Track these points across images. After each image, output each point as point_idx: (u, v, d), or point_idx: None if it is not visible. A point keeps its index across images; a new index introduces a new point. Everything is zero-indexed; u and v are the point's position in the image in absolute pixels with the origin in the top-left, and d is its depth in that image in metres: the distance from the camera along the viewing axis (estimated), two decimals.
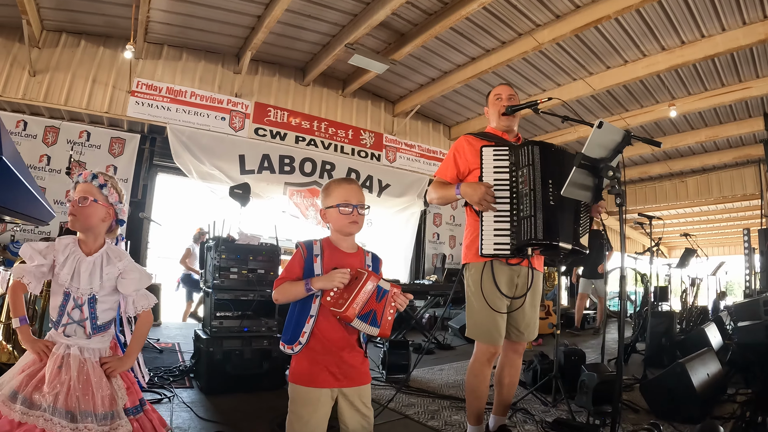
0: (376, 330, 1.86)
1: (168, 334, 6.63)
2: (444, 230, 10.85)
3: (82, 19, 7.01)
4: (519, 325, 2.77)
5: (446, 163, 2.90)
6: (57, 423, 1.72)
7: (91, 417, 1.78)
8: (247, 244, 4.45)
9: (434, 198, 2.91)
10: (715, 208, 13.42)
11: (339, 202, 1.99)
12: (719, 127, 9.17)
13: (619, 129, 2.25)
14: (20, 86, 6.79)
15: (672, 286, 8.14)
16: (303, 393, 1.88)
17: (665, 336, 5.32)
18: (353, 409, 1.92)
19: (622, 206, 2.20)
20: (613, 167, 2.22)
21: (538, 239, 2.44)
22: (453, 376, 4.83)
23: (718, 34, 6.29)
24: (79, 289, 1.93)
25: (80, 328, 1.93)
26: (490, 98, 3.00)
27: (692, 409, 3.32)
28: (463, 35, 7.22)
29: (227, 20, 7.22)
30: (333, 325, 1.91)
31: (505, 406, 2.90)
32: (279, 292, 1.95)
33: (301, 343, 1.90)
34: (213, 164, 7.86)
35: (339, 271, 1.87)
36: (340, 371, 1.90)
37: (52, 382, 1.78)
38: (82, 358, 1.89)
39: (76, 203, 1.95)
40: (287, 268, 1.99)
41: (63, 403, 1.75)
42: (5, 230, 6.52)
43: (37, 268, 1.92)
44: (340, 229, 2.02)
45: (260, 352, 4.07)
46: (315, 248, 2.00)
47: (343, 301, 1.81)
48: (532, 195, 2.49)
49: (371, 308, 1.85)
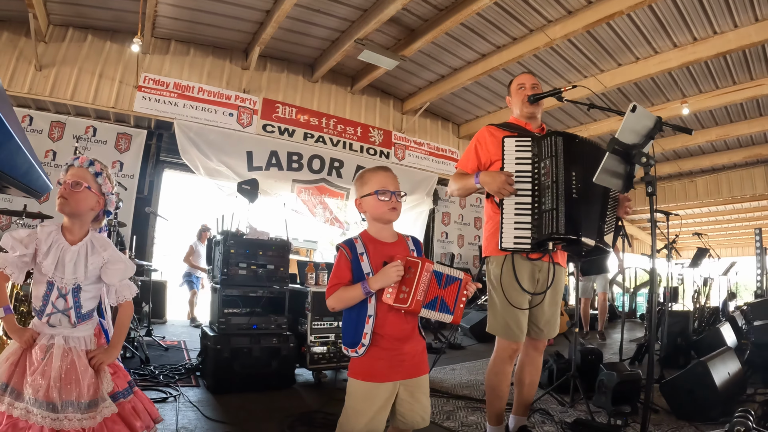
0: (450, 317, 1.87)
1: (173, 331, 6.57)
2: (452, 229, 10.75)
3: (88, 14, 6.95)
4: (539, 322, 2.69)
5: (467, 154, 2.82)
6: (37, 414, 1.70)
7: (73, 406, 1.76)
8: (257, 239, 4.36)
9: (454, 189, 2.82)
10: (724, 208, 13.30)
11: (377, 189, 1.94)
12: (730, 126, 9.07)
13: (651, 114, 2.17)
14: (26, 81, 6.74)
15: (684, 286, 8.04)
16: (363, 388, 1.85)
17: (681, 336, 5.24)
18: (414, 399, 1.90)
19: (653, 195, 2.12)
20: (646, 153, 2.13)
21: (560, 233, 2.36)
22: (466, 376, 4.74)
23: (730, 30, 6.21)
24: (64, 279, 1.89)
25: (65, 317, 1.90)
26: (512, 87, 2.92)
27: (715, 409, 3.24)
28: (473, 31, 7.14)
29: (235, 15, 7.15)
30: (392, 320, 1.87)
31: (525, 406, 2.82)
32: (334, 299, 1.89)
33: (365, 345, 1.86)
34: (220, 160, 7.79)
35: (392, 266, 1.81)
36: (401, 364, 1.88)
37: (33, 374, 1.76)
38: (66, 347, 1.86)
39: (68, 186, 1.90)
40: (335, 273, 1.93)
41: (44, 395, 1.73)
42: (10, 223, 6.46)
43: (19, 258, 1.87)
44: (380, 217, 1.97)
45: (269, 350, 3.99)
46: (358, 246, 1.94)
47: (406, 295, 1.78)
48: (555, 187, 2.40)
49: (437, 294, 1.84)
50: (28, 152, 1.53)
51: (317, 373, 4.30)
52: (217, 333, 3.99)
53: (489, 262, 2.73)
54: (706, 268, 7.66)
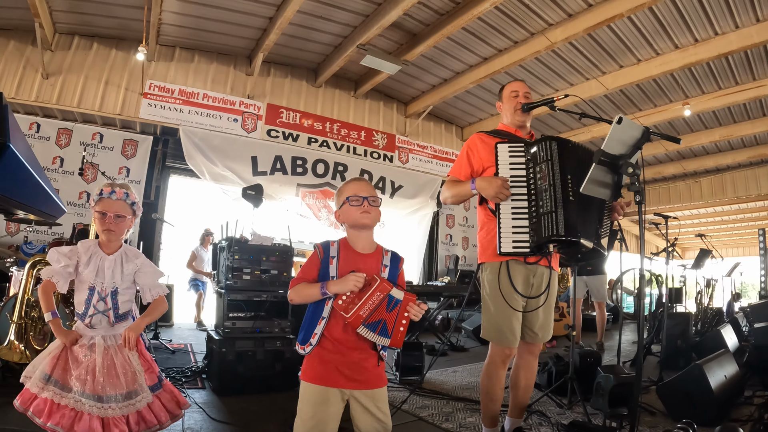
0: (387, 340, 1.85)
1: (180, 335, 6.66)
2: (457, 232, 10.82)
3: (94, 22, 7.07)
4: (533, 326, 2.72)
5: (459, 162, 2.85)
6: (86, 404, 1.98)
7: (116, 397, 2.06)
8: (260, 245, 4.44)
9: (448, 197, 2.86)
10: (729, 208, 13.28)
11: (349, 196, 1.98)
12: (733, 126, 9.07)
13: (638, 125, 2.21)
14: (33, 88, 6.87)
15: (687, 287, 8.03)
16: (311, 391, 1.87)
17: (681, 338, 5.26)
18: (367, 412, 1.89)
19: (641, 204, 2.16)
20: (633, 164, 2.18)
21: (560, 235, 2.38)
22: (467, 378, 4.79)
23: (731, 31, 6.23)
24: (104, 283, 2.20)
25: (104, 317, 2.19)
26: (505, 93, 2.95)
27: (710, 412, 3.27)
28: (475, 35, 7.20)
29: (239, 22, 7.25)
30: (343, 326, 1.89)
31: (520, 408, 2.87)
32: (294, 292, 1.95)
33: (312, 344, 1.90)
34: (225, 165, 7.89)
35: (354, 275, 1.85)
36: (351, 373, 1.88)
37: (79, 369, 2.04)
38: (106, 345, 2.15)
39: (112, 219, 2.20)
40: (303, 268, 1.99)
41: (90, 388, 2.02)
42: (19, 230, 6.58)
43: (64, 268, 2.15)
44: (354, 222, 1.99)
45: (273, 354, 4.07)
46: (332, 249, 1.98)
47: (353, 306, 1.81)
48: (552, 190, 2.43)
49: (381, 317, 1.83)
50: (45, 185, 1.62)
51: None
52: (222, 337, 4.06)
53: (484, 268, 2.76)
54: (709, 270, 7.67)
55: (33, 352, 3.38)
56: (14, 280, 4.09)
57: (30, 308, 3.49)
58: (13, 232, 6.66)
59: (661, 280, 6.19)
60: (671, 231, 6.13)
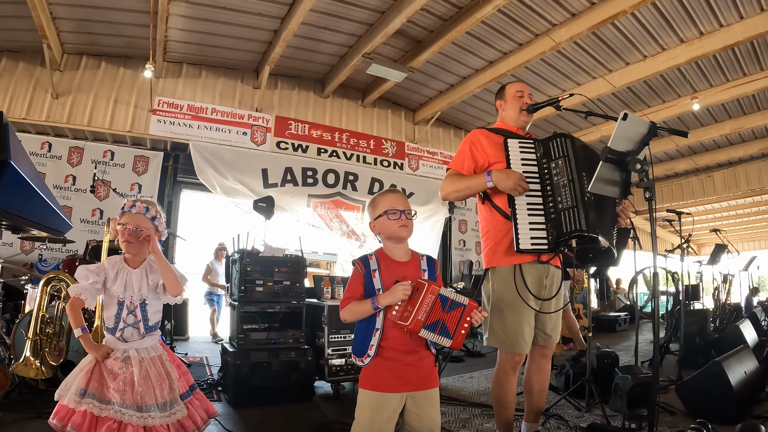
0: (449, 341, 1.90)
1: (196, 348, 6.69)
2: (470, 237, 10.77)
3: (101, 41, 7.18)
4: (545, 328, 2.67)
5: (461, 156, 2.75)
6: (126, 414, 2.03)
7: (154, 407, 2.10)
8: (272, 256, 4.46)
9: (451, 192, 2.70)
10: (743, 201, 13.09)
11: (386, 209, 2.05)
12: (744, 119, 8.97)
13: (644, 120, 2.19)
14: (44, 109, 6.98)
15: (703, 283, 7.93)
16: (370, 397, 1.94)
17: (699, 335, 5.20)
18: (421, 411, 1.96)
19: (651, 200, 2.13)
20: (640, 160, 2.15)
21: (582, 231, 2.32)
22: (484, 384, 4.77)
23: (736, 22, 6.17)
24: (132, 297, 2.25)
25: (135, 329, 2.24)
26: (509, 93, 2.89)
27: (730, 409, 3.22)
28: (479, 39, 7.19)
29: (244, 36, 7.32)
30: (399, 334, 1.96)
31: (536, 412, 2.81)
32: (347, 312, 2.01)
33: (370, 356, 1.97)
34: (236, 179, 7.94)
35: (401, 285, 1.91)
36: (408, 376, 1.95)
37: (116, 381, 2.09)
38: (139, 357, 2.19)
39: (131, 232, 2.24)
40: (349, 287, 2.05)
41: (130, 399, 2.07)
42: (33, 248, 6.66)
43: (92, 285, 2.20)
44: (392, 235, 2.07)
45: (287, 364, 4.07)
46: (371, 263, 2.05)
47: (408, 314, 1.86)
48: (571, 186, 2.39)
49: (438, 318, 1.89)
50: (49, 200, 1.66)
51: (336, 385, 4.38)
52: (236, 348, 4.08)
53: (495, 272, 2.65)
54: (725, 265, 7.56)
55: (49, 368, 3.41)
56: (29, 297, 4.14)
57: (45, 324, 3.53)
58: (27, 250, 6.75)
59: (678, 278, 6.10)
60: (685, 227, 6.05)
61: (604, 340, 7.41)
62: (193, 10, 6.58)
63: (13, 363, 3.47)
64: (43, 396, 2.24)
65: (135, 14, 6.51)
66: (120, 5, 6.38)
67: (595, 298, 12.55)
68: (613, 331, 9.17)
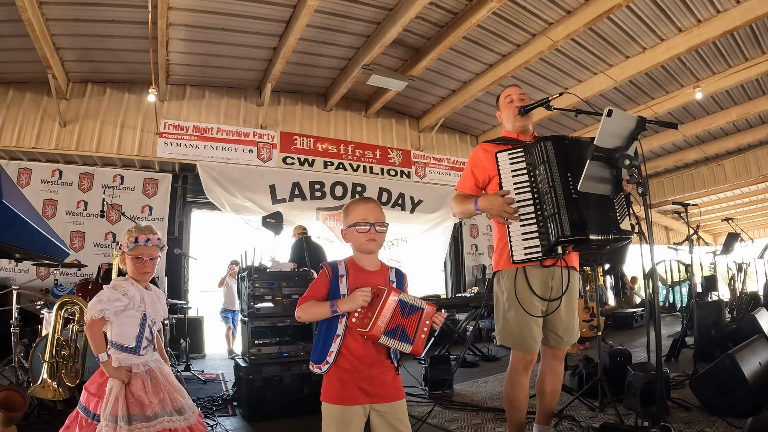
0: (409, 347, 1.86)
1: (212, 365, 6.75)
2: (482, 241, 10.73)
3: (105, 69, 7.35)
4: (557, 329, 2.65)
5: (465, 175, 2.85)
6: (176, 420, 2.18)
7: (184, 407, 2.27)
8: (280, 272, 4.51)
9: (457, 213, 2.85)
10: (756, 188, 12.88)
11: (356, 221, 2.00)
12: (749, 104, 8.86)
13: (630, 115, 2.18)
14: (52, 137, 7.16)
15: (719, 273, 7.82)
16: (334, 411, 1.88)
17: (714, 327, 5.10)
18: (388, 425, 1.89)
19: (645, 195, 2.12)
20: (629, 155, 2.14)
21: (566, 236, 2.33)
22: (498, 388, 4.73)
23: (733, 7, 6.11)
24: (155, 316, 2.41)
25: (152, 345, 2.39)
26: (501, 102, 2.93)
27: (746, 402, 3.17)
28: (477, 43, 7.22)
29: (244, 55, 7.44)
30: (360, 342, 1.90)
31: (548, 414, 2.79)
32: (303, 310, 1.96)
33: (329, 363, 1.91)
34: (245, 196, 8.03)
35: (360, 291, 1.87)
36: (371, 387, 1.89)
37: (152, 394, 2.20)
38: (157, 366, 2.34)
39: (149, 262, 2.40)
40: (312, 287, 2.01)
41: (171, 405, 2.21)
42: (49, 274, 6.78)
43: (117, 305, 2.27)
44: (359, 248, 2.04)
45: (300, 377, 4.10)
46: (340, 269, 2.01)
47: (368, 320, 1.81)
48: (553, 192, 2.39)
49: (398, 323, 1.84)
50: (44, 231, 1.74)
51: None
52: (248, 363, 4.12)
53: (500, 276, 2.71)
54: (740, 254, 7.45)
55: (66, 389, 3.48)
56: (45, 321, 4.24)
57: (60, 347, 3.60)
58: (43, 276, 6.88)
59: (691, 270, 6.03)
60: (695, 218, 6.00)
61: (621, 337, 7.34)
62: (193, 33, 6.71)
63: (31, 386, 3.54)
64: (62, 417, 2.28)
65: (136, 40, 6.65)
66: (120, 33, 6.52)
67: (611, 294, 12.43)
68: (630, 327, 9.07)
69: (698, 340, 5.06)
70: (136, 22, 6.26)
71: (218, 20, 6.53)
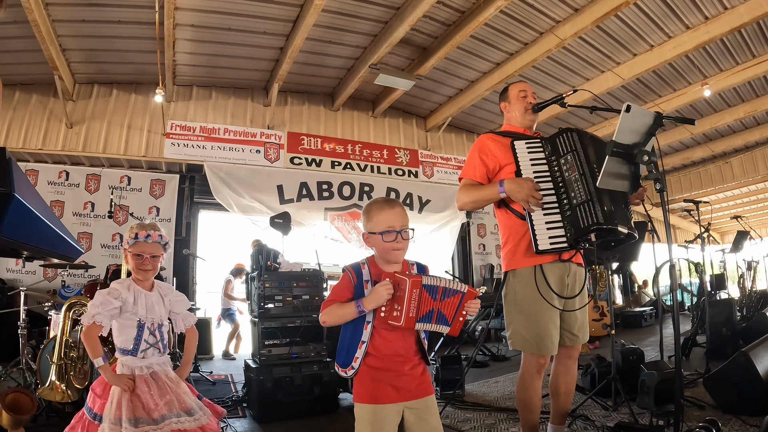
0: (447, 328, 1.85)
1: (221, 366, 6.75)
2: (489, 240, 10.65)
3: (111, 70, 7.37)
4: (572, 328, 2.61)
5: (471, 164, 2.74)
6: (184, 421, 2.14)
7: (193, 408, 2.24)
8: (290, 272, 4.50)
9: (467, 202, 2.69)
10: (764, 185, 12.78)
11: (382, 230, 1.91)
12: (757, 101, 8.78)
13: (648, 111, 2.15)
14: (59, 138, 7.18)
15: (728, 272, 7.77)
16: (367, 411, 1.85)
17: (726, 325, 5.08)
18: (421, 421, 1.87)
19: (662, 191, 2.09)
20: (648, 152, 2.12)
21: (599, 223, 2.27)
22: (509, 387, 4.72)
23: (741, 3, 6.05)
24: (153, 319, 2.34)
25: (155, 349, 2.33)
26: (512, 93, 2.88)
27: (760, 400, 3.14)
28: (484, 42, 7.20)
29: (251, 55, 7.43)
30: (387, 342, 1.88)
31: (562, 415, 2.76)
32: (327, 314, 1.91)
33: (354, 368, 1.88)
34: (252, 197, 8.02)
35: (381, 285, 1.81)
36: (403, 385, 1.87)
37: (158, 397, 2.17)
38: (163, 369, 2.31)
39: (149, 260, 2.35)
40: (335, 291, 1.96)
41: (179, 407, 2.19)
42: (56, 275, 6.79)
43: (110, 310, 2.24)
44: (384, 256, 1.97)
45: (311, 378, 4.09)
46: (364, 273, 1.96)
47: (398, 313, 1.78)
48: (584, 179, 2.36)
49: (432, 307, 1.82)
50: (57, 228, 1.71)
51: None
52: (258, 364, 4.11)
53: (515, 275, 2.61)
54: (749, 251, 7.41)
55: (74, 391, 3.47)
56: (53, 323, 4.22)
57: (69, 349, 3.59)
58: (51, 277, 6.88)
59: (701, 268, 5.99)
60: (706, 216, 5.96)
61: (631, 336, 7.29)
62: (199, 34, 6.71)
63: (39, 388, 3.55)
64: (70, 419, 2.26)
65: (142, 41, 6.65)
66: (127, 33, 6.52)
67: (620, 294, 12.37)
68: (639, 326, 9.02)
69: (710, 339, 5.03)
70: (142, 23, 6.26)
71: (225, 20, 6.52)
